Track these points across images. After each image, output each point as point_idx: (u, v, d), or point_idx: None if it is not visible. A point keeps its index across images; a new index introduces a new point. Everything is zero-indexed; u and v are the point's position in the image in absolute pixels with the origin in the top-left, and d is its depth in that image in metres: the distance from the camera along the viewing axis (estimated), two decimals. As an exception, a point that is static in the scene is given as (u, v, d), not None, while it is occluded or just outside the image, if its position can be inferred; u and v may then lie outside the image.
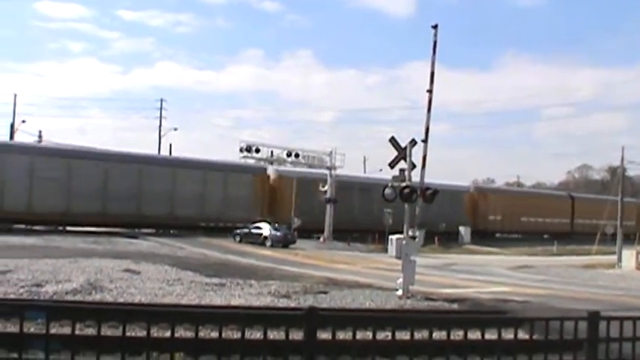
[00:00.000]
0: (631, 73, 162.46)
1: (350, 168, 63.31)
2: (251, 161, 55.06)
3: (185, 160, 57.48)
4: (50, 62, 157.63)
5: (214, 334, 7.37)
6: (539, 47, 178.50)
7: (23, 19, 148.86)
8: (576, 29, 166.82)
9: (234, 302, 17.62)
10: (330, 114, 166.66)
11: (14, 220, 45.67)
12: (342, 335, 8.08)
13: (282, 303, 17.98)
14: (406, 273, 20.59)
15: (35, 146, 55.50)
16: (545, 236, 77.88)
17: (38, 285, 18.14)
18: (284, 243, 46.36)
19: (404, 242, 21.13)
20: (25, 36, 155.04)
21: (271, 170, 58.84)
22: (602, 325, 7.74)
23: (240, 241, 47.02)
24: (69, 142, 57.97)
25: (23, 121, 66.68)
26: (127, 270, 22.96)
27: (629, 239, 66.52)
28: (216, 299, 18.02)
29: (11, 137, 62.44)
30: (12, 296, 16.21)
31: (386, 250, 25.37)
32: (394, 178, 21.96)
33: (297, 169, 58.36)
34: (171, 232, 53.18)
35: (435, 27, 22.37)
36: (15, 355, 7.11)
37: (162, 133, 78.28)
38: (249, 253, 39.04)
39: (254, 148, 52.72)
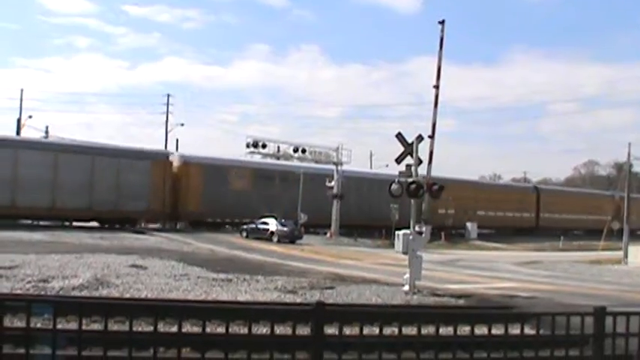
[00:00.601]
0: (637, 69, 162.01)
1: (356, 163, 63.23)
2: (257, 157, 55.10)
3: (69, 145, 52.20)
4: (57, 58, 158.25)
5: (221, 330, 7.38)
6: (545, 43, 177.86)
7: (29, 14, 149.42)
8: (583, 25, 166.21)
9: (241, 298, 17.66)
10: (336, 109, 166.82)
11: None
12: (348, 331, 8.09)
13: (289, 298, 18.00)
14: (413, 268, 20.58)
15: None
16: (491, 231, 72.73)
17: (45, 280, 18.21)
18: (291, 238, 46.39)
19: (410, 238, 21.13)
20: (32, 31, 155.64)
21: (175, 156, 54.61)
22: (609, 320, 7.72)
23: (247, 237, 47.09)
24: (75, 138, 58.18)
25: (30, 117, 66.93)
26: (134, 265, 23.04)
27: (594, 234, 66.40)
28: (223, 295, 18.05)
29: (18, 132, 62.56)
30: (19, 292, 16.28)
31: (392, 246, 25.36)
32: (401, 173, 21.95)
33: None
34: (178, 227, 53.19)
35: (442, 23, 22.33)
36: (22, 351, 7.13)
37: (169, 128, 78.33)
38: (255, 248, 39.09)
39: (260, 144, 52.70)
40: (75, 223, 47.85)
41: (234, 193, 53.90)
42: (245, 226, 48.62)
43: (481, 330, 7.99)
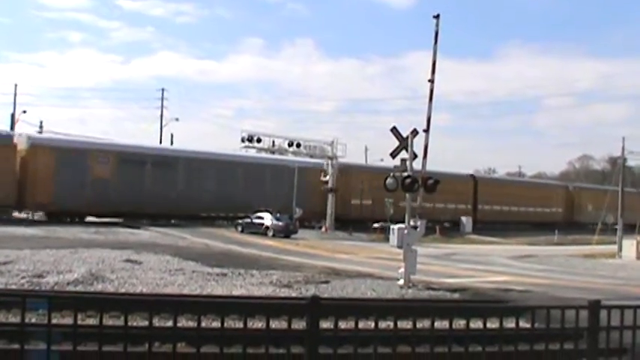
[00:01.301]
0: (632, 64, 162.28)
1: (351, 158, 63.03)
2: (252, 151, 55.02)
3: None
4: (50, 52, 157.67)
5: (216, 324, 7.37)
6: (540, 38, 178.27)
7: (22, 8, 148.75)
8: (577, 20, 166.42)
9: (236, 292, 17.67)
10: (331, 104, 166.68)
11: None
12: (343, 325, 8.09)
13: (284, 293, 18.02)
14: (408, 262, 20.61)
15: None
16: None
17: (39, 276, 18.18)
18: (286, 233, 46.42)
19: (405, 232, 21.15)
20: (25, 26, 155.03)
21: (22, 138, 47.65)
22: (603, 313, 7.74)
23: (242, 231, 47.10)
24: (69, 132, 57.91)
25: (24, 112, 66.72)
26: (129, 260, 23.00)
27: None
28: (218, 289, 18.07)
29: (12, 127, 62.38)
30: (13, 287, 16.25)
31: (387, 240, 25.39)
32: (395, 167, 21.96)
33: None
34: (173, 222, 53.15)
35: (437, 17, 22.37)
36: (16, 346, 7.12)
37: (163, 123, 78.17)
38: (250, 243, 39.08)
39: (255, 138, 52.67)
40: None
41: (95, 182, 47.77)
42: (240, 221, 48.62)
43: (476, 324, 8.00)
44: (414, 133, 21.70)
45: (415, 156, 21.78)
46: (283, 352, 7.32)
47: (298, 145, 54.87)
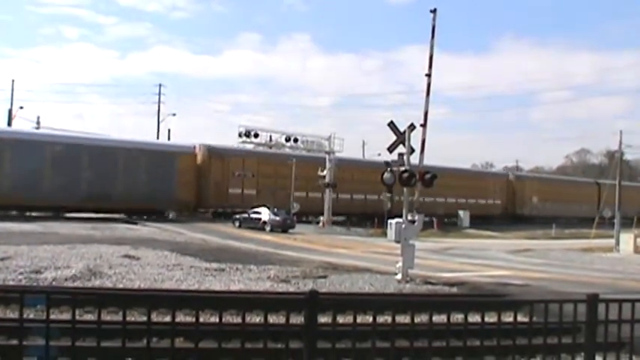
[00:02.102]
0: (629, 57, 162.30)
1: (349, 152, 62.97)
2: (250, 146, 54.88)
3: None
4: (47, 48, 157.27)
5: (214, 319, 7.37)
6: (537, 31, 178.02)
7: (19, 4, 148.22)
8: (574, 13, 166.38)
9: (234, 287, 17.66)
10: (328, 98, 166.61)
11: None
12: (341, 319, 8.10)
13: (282, 288, 18.02)
14: (405, 257, 20.62)
15: None
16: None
17: (37, 271, 18.14)
18: (283, 228, 46.42)
19: (403, 226, 21.15)
20: (21, 21, 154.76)
21: None
22: (601, 307, 7.75)
23: (240, 226, 47.08)
24: (66, 128, 57.81)
25: (21, 107, 66.63)
26: (126, 256, 22.98)
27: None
28: (216, 284, 18.05)
29: (9, 124, 62.27)
30: (11, 283, 16.23)
31: (385, 235, 25.39)
32: (393, 162, 21.95)
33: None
34: (170, 217, 53.05)
35: (434, 11, 22.35)
36: (15, 342, 7.11)
37: (161, 118, 78.02)
38: (248, 238, 39.05)
39: (253, 133, 52.59)
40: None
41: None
42: (237, 216, 48.63)
43: (474, 318, 8.01)
44: (412, 127, 21.70)
45: (412, 150, 21.78)
46: (282, 346, 7.33)
47: (296, 140, 54.87)
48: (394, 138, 21.70)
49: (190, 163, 53.53)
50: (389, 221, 22.16)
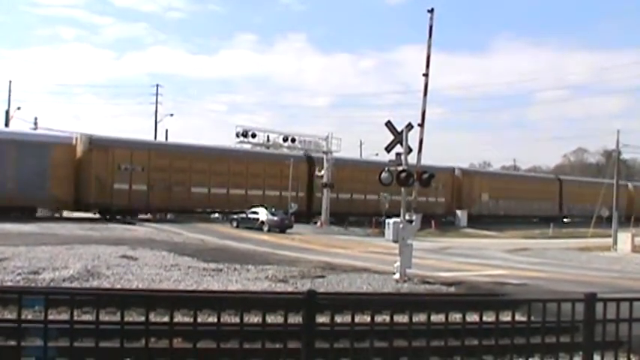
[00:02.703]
0: (626, 56, 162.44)
1: (346, 152, 62.92)
2: (247, 146, 54.85)
3: None
4: (43, 48, 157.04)
5: (212, 320, 7.37)
6: (533, 30, 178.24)
7: (14, 5, 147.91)
8: (570, 13, 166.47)
9: (232, 287, 17.67)
10: (324, 99, 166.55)
11: None
12: (339, 319, 8.09)
13: (280, 288, 18.03)
14: (403, 257, 20.63)
15: None
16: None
17: (35, 272, 18.14)
18: (281, 228, 46.40)
19: (401, 226, 21.15)
20: (17, 22, 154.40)
21: None
22: (599, 306, 7.75)
23: (238, 226, 47.06)
24: (63, 129, 57.59)
25: (18, 108, 66.45)
26: (124, 256, 22.99)
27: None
28: (214, 284, 18.06)
29: (6, 124, 62.14)
30: (9, 284, 16.22)
31: (383, 234, 25.40)
32: (390, 162, 21.95)
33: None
34: (168, 217, 52.94)
35: (431, 11, 22.32)
36: (13, 343, 7.10)
37: (158, 119, 77.90)
38: (246, 238, 39.04)
39: (250, 133, 52.52)
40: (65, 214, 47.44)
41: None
42: (235, 216, 48.57)
43: (472, 317, 8.02)
44: (409, 127, 21.70)
45: (410, 150, 21.78)
46: (280, 346, 7.31)
47: (293, 140, 54.84)
48: (391, 138, 21.70)
49: (67, 154, 47.01)
50: (387, 221, 22.17)
